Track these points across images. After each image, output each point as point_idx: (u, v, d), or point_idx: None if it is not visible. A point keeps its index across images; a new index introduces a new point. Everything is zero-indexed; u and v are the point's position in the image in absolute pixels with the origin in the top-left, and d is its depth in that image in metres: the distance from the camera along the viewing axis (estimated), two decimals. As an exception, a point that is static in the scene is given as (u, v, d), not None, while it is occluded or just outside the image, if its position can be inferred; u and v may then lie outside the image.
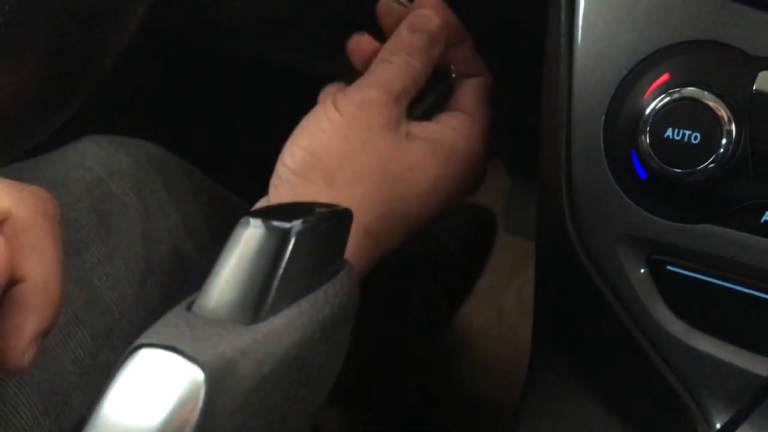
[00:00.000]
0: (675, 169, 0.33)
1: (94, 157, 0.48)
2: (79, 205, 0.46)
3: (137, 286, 0.46)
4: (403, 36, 0.43)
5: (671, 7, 0.34)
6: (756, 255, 0.33)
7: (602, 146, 0.35)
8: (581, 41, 0.36)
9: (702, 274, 0.35)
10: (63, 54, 0.31)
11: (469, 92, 0.45)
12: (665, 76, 0.34)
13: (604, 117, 0.35)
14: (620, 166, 0.35)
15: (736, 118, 0.32)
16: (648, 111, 0.33)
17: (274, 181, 0.42)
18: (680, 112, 0.32)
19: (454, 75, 0.46)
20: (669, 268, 0.36)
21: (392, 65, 0.42)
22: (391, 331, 0.83)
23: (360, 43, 0.45)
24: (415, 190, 0.42)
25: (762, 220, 0.33)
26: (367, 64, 0.44)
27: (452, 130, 0.44)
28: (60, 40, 0.30)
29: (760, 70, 0.32)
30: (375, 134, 0.41)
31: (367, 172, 0.41)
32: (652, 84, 0.34)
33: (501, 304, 1.07)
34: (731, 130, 0.32)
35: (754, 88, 0.32)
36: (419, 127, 0.43)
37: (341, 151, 0.40)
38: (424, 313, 0.90)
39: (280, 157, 0.42)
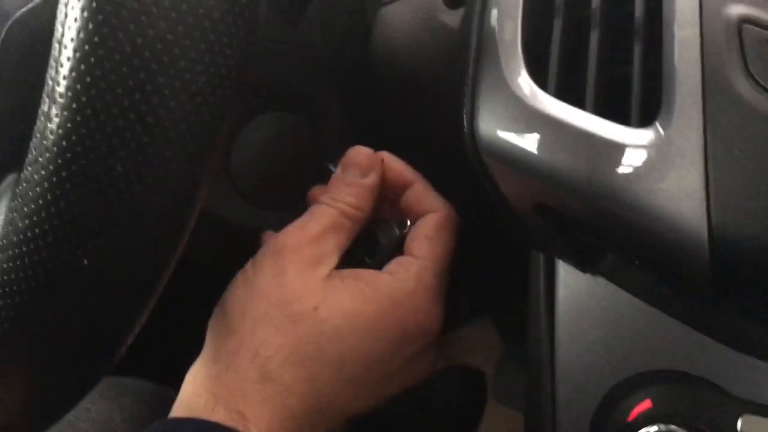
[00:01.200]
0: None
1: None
2: None
3: None
4: (335, 176, 0.44)
5: (654, 332, 0.34)
6: None
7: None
8: (562, 350, 0.36)
9: None
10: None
11: (419, 232, 0.42)
12: (647, 402, 0.33)
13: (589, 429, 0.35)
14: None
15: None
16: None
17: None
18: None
19: (409, 222, 0.44)
20: None
21: (317, 207, 0.42)
22: None
23: (314, 192, 0.45)
24: (322, 328, 0.38)
25: None
26: None
27: (389, 276, 0.40)
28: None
29: (743, 413, 0.32)
30: (282, 278, 0.40)
31: (268, 317, 0.39)
32: (634, 407, 0.34)
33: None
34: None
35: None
36: (352, 272, 0.41)
37: (243, 299, 0.40)
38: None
39: None
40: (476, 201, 0.45)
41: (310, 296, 0.39)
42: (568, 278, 0.36)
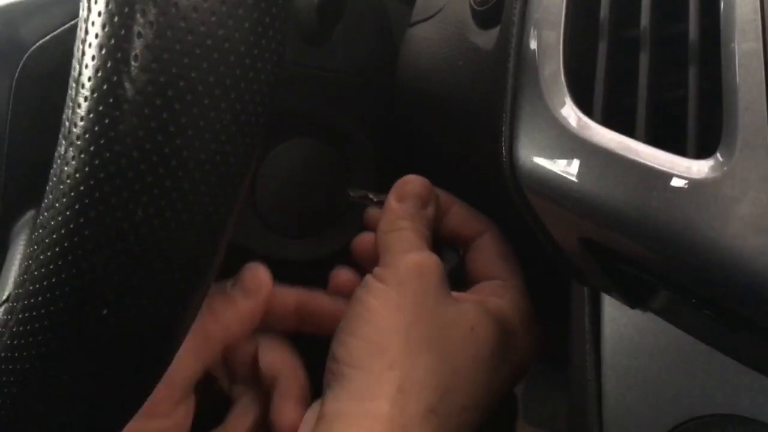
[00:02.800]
0: None
1: None
2: None
3: None
4: (393, 207, 0.42)
5: (712, 374, 0.32)
6: None
7: None
8: (609, 393, 0.34)
9: None
10: None
11: (486, 253, 0.42)
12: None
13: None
14: None
15: None
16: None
17: (327, 379, 0.37)
18: None
19: (461, 251, 0.44)
20: None
21: (404, 231, 0.40)
22: None
23: (362, 239, 0.44)
24: (480, 353, 0.37)
25: None
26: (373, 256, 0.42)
27: (496, 298, 0.40)
28: None
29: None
30: (431, 298, 0.38)
31: (428, 343, 0.36)
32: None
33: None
34: None
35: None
36: (459, 295, 0.40)
37: (397, 326, 0.36)
38: None
39: (329, 353, 0.38)
40: (511, 227, 0.43)
41: (463, 317, 0.38)
42: (614, 314, 0.34)
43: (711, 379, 0.31)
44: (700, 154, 0.27)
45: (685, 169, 0.26)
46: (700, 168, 0.25)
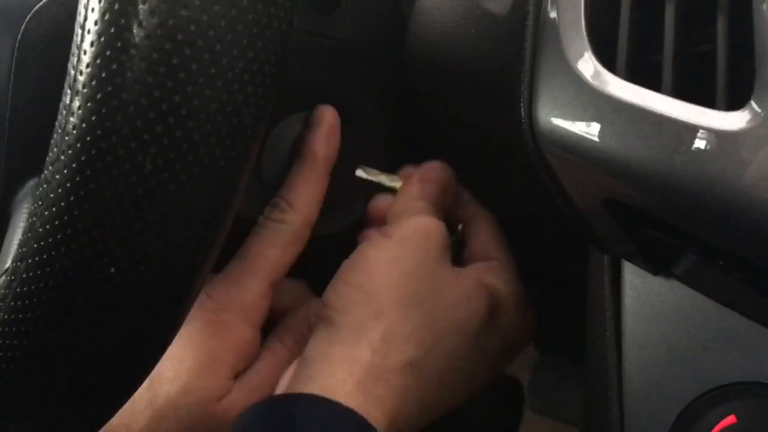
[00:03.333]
0: None
1: None
2: None
3: None
4: (414, 188, 0.42)
5: (738, 341, 0.31)
6: None
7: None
8: (630, 363, 0.33)
9: None
10: None
11: (483, 236, 0.43)
12: (731, 418, 0.30)
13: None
14: None
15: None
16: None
17: (313, 324, 0.38)
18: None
19: (460, 226, 0.44)
20: None
21: (422, 203, 0.41)
22: None
23: (378, 201, 0.44)
24: (469, 322, 0.38)
25: None
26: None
27: (492, 275, 0.40)
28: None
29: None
30: (431, 258, 0.38)
31: (420, 299, 0.37)
32: (717, 424, 0.30)
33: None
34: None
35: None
36: (459, 269, 0.40)
37: (390, 276, 0.37)
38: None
39: (321, 300, 0.38)
40: (525, 201, 0.42)
41: (460, 283, 0.38)
42: (636, 281, 0.33)
43: (739, 347, 0.30)
44: (729, 108, 0.25)
45: (717, 121, 0.25)
46: (733, 119, 0.24)
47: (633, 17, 0.29)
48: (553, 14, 0.31)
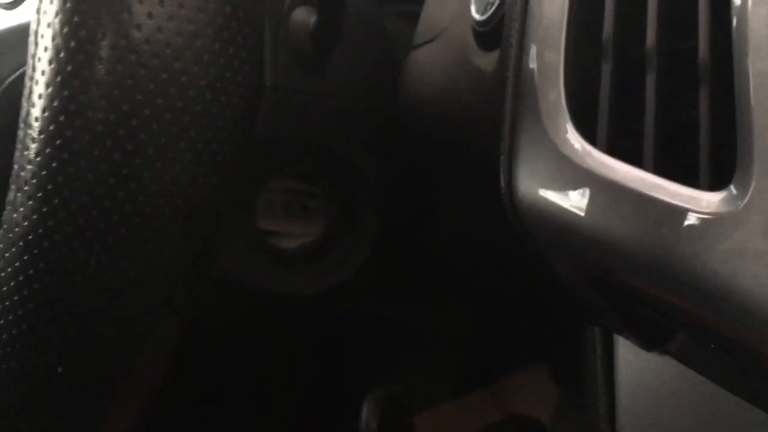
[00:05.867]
0: None
1: None
2: None
3: None
4: None
5: (734, 422, 0.29)
6: None
7: None
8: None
9: None
10: None
11: None
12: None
13: None
14: None
15: None
16: None
17: None
18: None
19: None
20: None
21: None
22: None
23: None
24: None
25: None
26: None
27: None
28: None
29: None
30: None
31: None
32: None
33: None
34: None
35: None
36: None
37: None
38: None
39: None
40: (517, 258, 0.40)
41: None
42: (629, 357, 0.31)
43: (731, 426, 0.29)
44: (714, 184, 0.24)
45: (697, 203, 0.23)
46: (712, 201, 0.23)
47: (614, 87, 0.27)
48: (531, 81, 0.29)
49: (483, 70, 0.37)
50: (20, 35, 0.34)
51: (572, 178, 0.27)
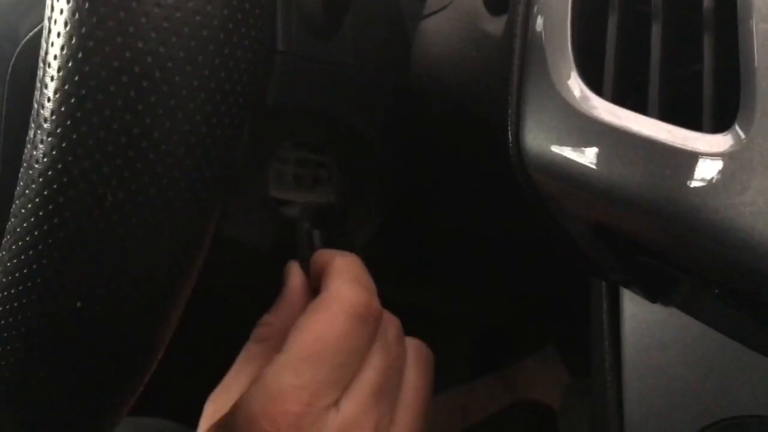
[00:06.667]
0: None
1: None
2: None
3: None
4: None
5: (739, 371, 0.29)
6: None
7: None
8: (630, 393, 0.31)
9: None
10: None
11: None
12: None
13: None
14: None
15: None
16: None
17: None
18: None
19: None
20: None
21: None
22: None
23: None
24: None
25: None
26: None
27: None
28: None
29: None
30: None
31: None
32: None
33: None
34: None
35: None
36: None
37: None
38: None
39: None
40: (524, 226, 0.41)
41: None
42: (634, 309, 0.32)
43: (737, 376, 0.29)
44: (717, 130, 0.24)
45: (702, 144, 0.24)
46: (717, 142, 0.23)
47: (620, 38, 0.28)
48: (539, 36, 0.30)
49: (492, 33, 0.38)
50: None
51: (579, 127, 0.27)
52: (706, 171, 0.23)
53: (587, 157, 0.27)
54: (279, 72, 0.40)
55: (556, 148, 0.28)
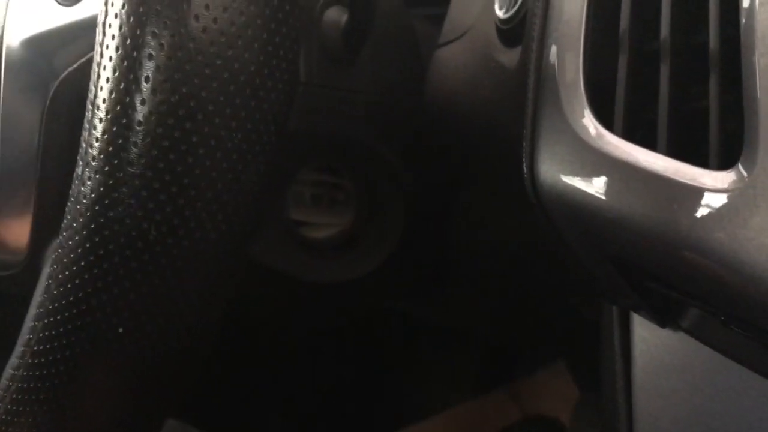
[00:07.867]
0: None
1: None
2: None
3: None
4: None
5: (747, 396, 0.30)
6: None
7: None
8: (641, 414, 0.32)
9: None
10: None
11: None
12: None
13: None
14: None
15: None
16: None
17: None
18: None
19: None
20: None
21: None
22: None
23: None
24: None
25: None
26: None
27: None
28: None
29: None
30: None
31: None
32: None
33: None
34: None
35: None
36: None
37: None
38: None
39: None
40: (540, 250, 0.42)
41: None
42: (644, 333, 0.33)
43: (744, 401, 0.30)
44: (723, 166, 0.26)
45: (707, 181, 0.25)
46: (722, 178, 0.25)
47: (629, 77, 0.29)
48: (552, 71, 0.31)
49: (505, 65, 0.39)
50: (77, 31, 0.37)
51: (590, 161, 0.29)
52: (711, 206, 0.25)
53: (599, 189, 0.28)
54: (300, 101, 0.42)
55: (569, 180, 0.30)
